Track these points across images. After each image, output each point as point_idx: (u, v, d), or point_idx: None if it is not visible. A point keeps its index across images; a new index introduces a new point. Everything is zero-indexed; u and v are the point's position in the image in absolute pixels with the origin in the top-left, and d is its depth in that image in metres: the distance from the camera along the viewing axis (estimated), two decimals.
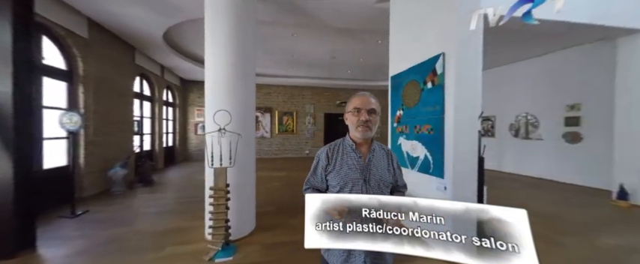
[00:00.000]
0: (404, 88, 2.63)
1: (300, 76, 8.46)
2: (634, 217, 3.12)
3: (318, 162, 1.00)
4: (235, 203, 2.28)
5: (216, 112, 2.16)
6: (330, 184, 0.97)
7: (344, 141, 1.01)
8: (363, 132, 0.92)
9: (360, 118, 0.91)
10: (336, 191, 0.95)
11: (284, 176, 5.60)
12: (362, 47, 5.58)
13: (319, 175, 0.99)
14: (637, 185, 3.53)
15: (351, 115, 0.94)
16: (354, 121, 0.93)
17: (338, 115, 9.91)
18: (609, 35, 3.80)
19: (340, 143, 1.01)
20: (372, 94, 0.99)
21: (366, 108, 0.91)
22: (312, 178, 1.02)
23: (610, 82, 3.98)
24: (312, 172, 1.02)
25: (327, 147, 1.01)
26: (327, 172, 0.97)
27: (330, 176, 0.96)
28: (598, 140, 4.42)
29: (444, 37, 2.09)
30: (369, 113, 0.91)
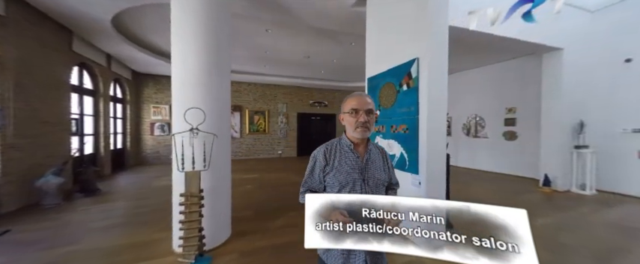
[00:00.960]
0: (381, 89, 2.77)
1: (272, 75, 8.22)
2: (555, 201, 3.86)
3: (315, 163, 0.98)
4: (210, 209, 2.09)
5: (188, 111, 1.94)
6: (329, 184, 0.96)
7: (340, 141, 1.01)
8: (362, 132, 0.92)
9: (359, 119, 0.91)
10: (336, 191, 0.94)
11: (257, 178, 5.37)
12: (336, 48, 5.69)
13: (317, 176, 0.97)
14: (557, 174, 4.37)
15: (349, 116, 0.93)
16: (352, 121, 0.93)
17: (312, 114, 9.93)
18: (537, 51, 4.61)
19: (336, 143, 1.00)
20: (366, 93, 1.01)
21: (363, 109, 0.92)
22: (309, 179, 1.00)
23: (538, 89, 4.85)
24: (309, 173, 0.99)
25: (324, 148, 1.00)
26: (325, 173, 0.96)
27: (328, 177, 0.95)
28: (529, 138, 5.34)
29: (418, 44, 2.26)
30: (367, 114, 0.92)
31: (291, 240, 2.42)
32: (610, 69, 4.25)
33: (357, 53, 6.00)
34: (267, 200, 3.74)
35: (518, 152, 5.58)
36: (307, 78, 8.72)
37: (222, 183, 2.32)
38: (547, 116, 4.58)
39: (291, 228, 2.71)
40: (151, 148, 7.48)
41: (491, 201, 3.77)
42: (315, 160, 0.99)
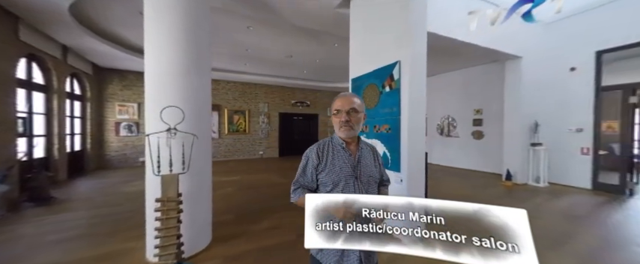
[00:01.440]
0: (364, 90, 2.84)
1: (253, 73, 8.00)
2: (515, 193, 4.29)
3: (308, 161, 1.00)
4: (189, 215, 1.97)
5: (165, 109, 1.81)
6: (322, 182, 0.97)
7: (332, 140, 1.03)
8: (346, 132, 0.96)
9: (341, 119, 0.95)
10: (329, 189, 0.96)
11: (238, 180, 5.18)
12: (319, 48, 5.71)
13: (309, 174, 0.99)
14: (517, 169, 4.87)
15: (334, 116, 0.98)
16: (337, 121, 0.97)
17: (294, 114, 9.85)
18: (500, 58, 5.09)
19: (329, 142, 1.03)
20: (354, 94, 1.04)
21: (345, 109, 0.95)
22: (301, 177, 1.00)
23: (501, 92, 5.35)
24: (302, 171, 1.00)
25: (316, 146, 1.01)
26: (318, 171, 0.97)
27: (321, 175, 0.97)
28: (493, 137, 5.87)
29: (400, 48, 2.37)
30: (348, 113, 0.94)
31: (277, 242, 2.38)
32: (559, 76, 4.85)
33: (340, 54, 6.09)
34: (248, 203, 3.63)
35: (485, 150, 6.11)
36: (290, 77, 8.64)
37: (202, 186, 2.20)
38: (509, 117, 5.08)
39: (276, 230, 2.67)
40: (116, 150, 6.82)
41: (461, 195, 4.11)
42: (308, 159, 1.00)
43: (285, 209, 3.31)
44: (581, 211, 3.35)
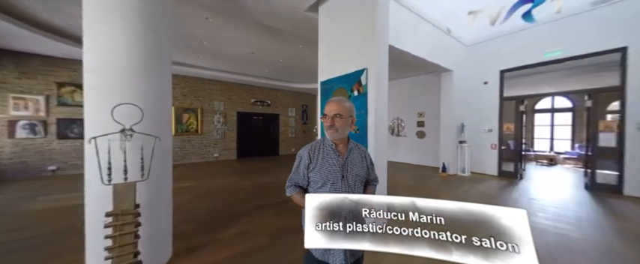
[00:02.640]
0: (333, 93, 3.00)
1: (208, 68, 7.30)
2: (449, 182, 5.22)
3: (301, 161, 1.08)
4: (147, 228, 1.72)
5: (117, 107, 1.53)
6: (312, 180, 1.06)
7: (324, 141, 1.11)
8: (331, 134, 1.05)
9: (326, 123, 1.05)
10: (319, 187, 1.04)
11: (194, 186, 4.67)
12: (284, 48, 5.66)
13: (301, 173, 1.07)
14: (450, 163, 5.92)
15: (323, 119, 1.06)
16: (325, 125, 1.06)
17: (254, 114, 9.41)
18: (437, 70, 6.09)
19: (320, 143, 1.11)
20: (343, 98, 1.13)
21: (330, 114, 1.03)
22: (294, 175, 1.10)
23: (438, 98, 6.40)
24: (295, 170, 1.10)
25: (309, 147, 1.10)
26: (309, 170, 1.06)
27: (312, 173, 1.05)
28: (432, 136, 6.96)
29: (366, 56, 2.61)
30: (333, 118, 1.02)
31: (248, 247, 2.29)
32: (477, 87, 6.13)
33: (304, 56, 6.17)
34: (211, 209, 3.34)
35: (426, 147, 7.20)
36: (250, 75, 8.24)
37: (162, 194, 1.94)
38: (444, 119, 6.13)
39: (246, 235, 2.56)
40: (10, 156, 5.18)
41: (409, 185, 4.76)
42: (301, 159, 1.09)
43: (254, 213, 3.19)
44: (492, 192, 4.36)
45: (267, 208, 3.38)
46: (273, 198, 3.89)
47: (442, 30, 5.42)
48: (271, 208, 3.41)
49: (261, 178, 5.48)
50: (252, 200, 3.75)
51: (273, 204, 3.57)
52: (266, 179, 5.31)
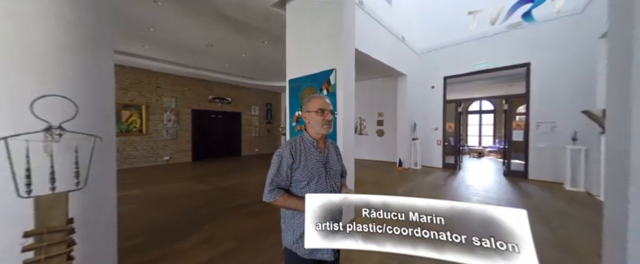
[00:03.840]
0: (302, 91, 3.01)
1: (155, 59, 6.41)
2: (405, 175, 5.81)
3: (282, 160, 1.02)
4: (85, 247, 1.43)
5: (38, 100, 1.22)
6: (297, 179, 1.03)
7: (303, 139, 1.09)
8: (328, 129, 1.07)
9: (326, 118, 1.04)
10: (303, 186, 1.03)
11: (141, 194, 4.05)
12: (247, 43, 5.38)
13: (284, 173, 1.02)
14: (404, 158, 6.57)
15: (316, 114, 1.04)
16: (319, 120, 1.04)
17: (212, 112, 8.66)
18: (394, 74, 6.69)
19: (299, 141, 1.08)
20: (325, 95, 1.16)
21: (328, 109, 1.05)
22: (276, 177, 1.02)
23: (395, 100, 7.03)
24: (276, 171, 1.02)
25: (289, 146, 1.05)
26: (293, 170, 1.02)
27: (296, 172, 1.02)
28: (390, 134, 7.61)
29: (335, 57, 2.70)
30: (331, 113, 1.06)
31: (214, 255, 2.13)
32: (426, 91, 6.97)
33: (270, 53, 5.98)
34: (165, 219, 2.96)
35: (385, 144, 7.84)
36: (208, 69, 7.56)
37: (104, 205, 1.64)
38: (400, 119, 6.78)
39: (210, 242, 2.37)
40: None
41: (372, 180, 5.14)
42: (282, 159, 1.02)
43: (218, 217, 2.97)
44: (439, 182, 5.03)
45: (233, 211, 3.18)
46: (238, 200, 3.68)
47: (398, 37, 5.97)
48: (238, 210, 3.22)
49: (222, 180, 5.10)
50: (215, 204, 3.47)
51: (240, 206, 3.38)
52: (229, 182, 4.97)
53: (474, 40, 6.02)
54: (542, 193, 4.16)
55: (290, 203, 1.00)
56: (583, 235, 2.49)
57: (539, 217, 3.06)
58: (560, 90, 4.85)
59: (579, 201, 3.71)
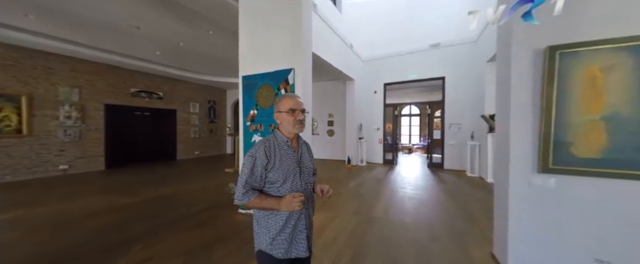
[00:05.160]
0: (258, 89, 2.87)
1: (47, 35, 4.84)
2: (353, 171, 6.31)
3: (256, 161, 0.99)
4: None
5: None
6: (271, 179, 1.01)
7: (276, 139, 1.07)
8: (301, 128, 1.06)
9: (297, 118, 1.03)
10: (278, 186, 1.01)
11: (22, 217, 2.97)
12: (187, 30, 4.72)
13: (258, 174, 0.99)
14: (352, 156, 7.14)
15: (288, 114, 1.03)
16: (291, 120, 1.03)
17: (135, 108, 7.17)
18: (343, 78, 7.17)
19: (273, 141, 1.06)
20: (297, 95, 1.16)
21: (300, 108, 1.05)
22: (250, 179, 0.99)
23: (343, 102, 7.53)
24: (250, 172, 0.99)
25: (262, 145, 1.02)
26: (267, 170, 1.00)
27: (271, 172, 1.00)
28: (339, 134, 8.11)
29: (293, 57, 2.71)
30: (302, 112, 1.06)
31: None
32: (369, 95, 7.76)
33: (216, 44, 5.43)
34: (72, 246, 2.28)
35: (335, 143, 8.30)
36: (131, 56, 6.24)
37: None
38: (348, 120, 7.32)
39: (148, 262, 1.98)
40: None
41: (323, 177, 5.50)
42: (255, 159, 0.99)
43: (154, 234, 2.50)
44: (381, 176, 5.71)
45: (175, 225, 2.74)
46: (179, 210, 3.19)
47: (346, 44, 6.44)
48: (180, 223, 2.79)
49: (154, 190, 4.30)
50: (148, 219, 2.91)
51: (182, 218, 2.94)
52: (163, 191, 4.23)
53: (407, 54, 7.11)
54: (453, 179, 5.31)
55: (266, 204, 0.98)
56: (479, 208, 3.32)
57: (451, 196, 3.93)
58: (463, 99, 6.29)
59: (476, 183, 4.92)
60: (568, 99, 1.56)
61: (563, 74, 1.57)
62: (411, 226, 2.74)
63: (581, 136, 1.54)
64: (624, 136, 1.45)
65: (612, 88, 1.46)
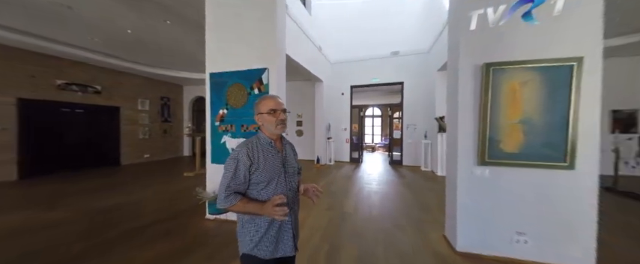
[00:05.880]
0: (229, 88, 2.74)
1: None
2: (322, 170, 6.48)
3: (238, 163, 0.97)
4: None
5: None
6: (255, 181, 1.00)
7: (259, 140, 1.05)
8: (282, 128, 1.05)
9: (279, 118, 1.02)
10: (262, 188, 1.01)
11: None
12: (136, 17, 4.17)
13: (242, 177, 0.98)
14: (321, 155, 7.31)
15: (268, 115, 1.02)
16: (272, 120, 1.02)
17: (63, 104, 5.97)
18: (313, 78, 7.29)
19: (256, 142, 1.04)
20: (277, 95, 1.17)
21: (280, 108, 1.03)
22: (232, 182, 0.97)
23: (313, 102, 7.65)
24: (233, 176, 0.97)
25: (245, 148, 1.00)
26: (251, 172, 0.99)
27: (254, 175, 0.99)
28: (309, 134, 8.20)
29: (267, 57, 2.67)
30: (283, 112, 1.05)
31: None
32: (337, 97, 8.06)
33: (174, 36, 4.94)
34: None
35: (304, 143, 8.35)
36: (60, 42, 5.18)
37: None
38: (317, 120, 7.47)
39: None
40: None
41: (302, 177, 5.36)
42: (238, 162, 0.97)
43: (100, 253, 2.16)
44: (349, 173, 6.02)
45: (130, 238, 2.42)
46: (129, 223, 2.81)
47: (316, 46, 6.57)
48: (132, 237, 2.47)
49: (97, 201, 3.68)
50: (91, 237, 2.48)
51: (138, 230, 2.61)
52: (106, 202, 3.63)
53: (371, 59, 7.62)
54: (410, 174, 5.95)
55: (250, 208, 0.96)
56: (432, 198, 3.82)
57: (409, 187, 4.45)
58: (418, 102, 7.08)
59: (428, 177, 5.61)
60: (498, 106, 1.96)
61: (495, 86, 1.96)
62: (378, 218, 3.00)
63: (507, 135, 1.96)
64: (534, 136, 1.90)
65: (526, 98, 1.90)
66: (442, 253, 2.12)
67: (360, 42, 7.74)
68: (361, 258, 2.06)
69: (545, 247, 1.91)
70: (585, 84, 1.78)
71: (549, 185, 1.90)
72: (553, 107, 1.84)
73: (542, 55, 1.87)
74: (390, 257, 2.07)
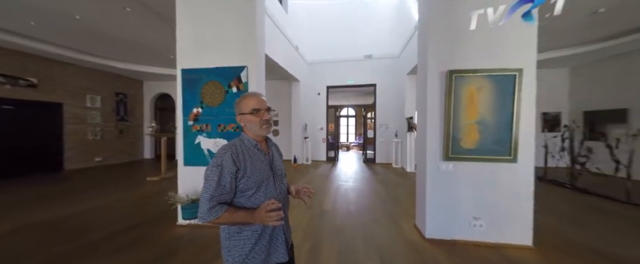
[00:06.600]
0: (203, 86, 2.60)
1: None
2: (299, 170, 6.51)
3: (222, 170, 0.86)
4: None
5: None
6: (243, 188, 0.90)
7: (243, 142, 0.96)
8: (268, 129, 0.96)
9: (263, 118, 0.94)
10: (251, 194, 0.92)
11: None
12: (89, 1, 3.67)
13: (227, 185, 0.87)
14: (298, 155, 7.32)
15: (252, 116, 0.93)
16: (256, 121, 0.93)
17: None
18: (289, 78, 7.24)
19: (240, 145, 0.94)
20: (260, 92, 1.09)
21: (264, 108, 0.94)
22: (217, 192, 0.85)
23: (289, 102, 7.60)
24: (217, 184, 0.85)
25: (229, 152, 0.89)
26: (238, 178, 0.89)
27: (242, 181, 0.90)
28: (285, 133, 8.13)
29: (246, 55, 2.60)
30: (268, 111, 0.96)
31: None
32: (314, 97, 8.14)
33: (134, 24, 4.47)
34: None
35: (280, 143, 8.18)
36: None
37: None
38: (294, 119, 7.45)
39: None
40: None
41: None
42: (222, 168, 0.86)
43: None
44: (326, 172, 6.15)
45: (86, 253, 2.14)
46: (88, 235, 2.49)
47: (292, 46, 6.55)
48: (93, 251, 2.20)
49: (37, 213, 3.15)
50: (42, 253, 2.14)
51: (92, 244, 2.32)
52: (56, 212, 3.15)
53: (346, 61, 7.87)
54: (383, 170, 6.32)
55: (238, 217, 0.86)
56: (403, 192, 4.14)
57: (382, 184, 4.75)
58: (389, 103, 7.54)
59: (399, 173, 6.04)
60: (459, 108, 2.24)
61: (456, 91, 2.23)
62: (355, 213, 3.16)
63: (466, 134, 2.24)
64: (487, 134, 2.21)
65: (481, 102, 2.21)
66: (414, 241, 2.34)
67: (336, 44, 7.94)
68: (342, 253, 2.16)
69: (495, 229, 2.24)
70: (524, 91, 2.14)
71: (498, 176, 2.23)
72: (501, 110, 2.17)
73: (492, 65, 2.19)
74: (369, 250, 2.21)
